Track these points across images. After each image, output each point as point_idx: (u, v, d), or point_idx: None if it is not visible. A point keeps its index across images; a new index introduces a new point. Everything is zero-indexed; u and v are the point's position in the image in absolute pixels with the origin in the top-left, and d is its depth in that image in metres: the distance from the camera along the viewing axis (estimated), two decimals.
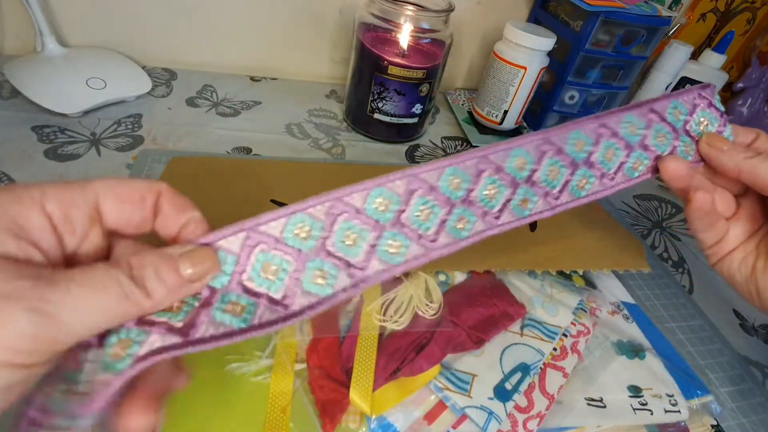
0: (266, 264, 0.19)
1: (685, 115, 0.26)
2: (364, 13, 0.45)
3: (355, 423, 0.25)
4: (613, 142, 0.24)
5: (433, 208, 0.21)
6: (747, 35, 0.69)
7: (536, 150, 0.23)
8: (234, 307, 0.18)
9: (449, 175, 0.22)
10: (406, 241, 0.21)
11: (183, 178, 0.37)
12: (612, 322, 0.33)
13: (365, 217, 0.20)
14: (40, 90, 0.42)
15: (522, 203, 0.23)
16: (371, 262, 0.20)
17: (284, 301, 0.19)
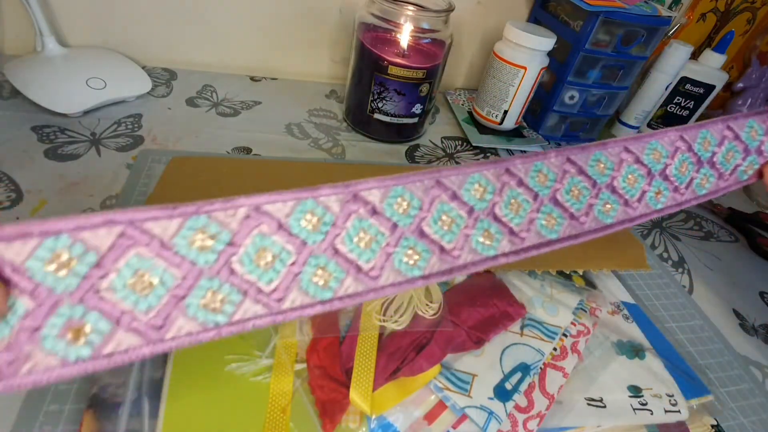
0: (262, 250, 0.17)
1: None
2: (364, 13, 0.45)
3: (355, 423, 0.25)
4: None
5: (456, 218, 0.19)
6: (747, 35, 0.69)
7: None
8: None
9: (474, 183, 0.20)
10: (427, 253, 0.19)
11: (183, 178, 0.37)
12: (612, 322, 0.33)
13: (383, 219, 0.18)
14: (40, 90, 0.42)
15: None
16: (384, 270, 0.18)
17: (275, 294, 0.17)
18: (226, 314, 0.16)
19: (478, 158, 0.52)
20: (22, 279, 0.14)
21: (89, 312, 0.14)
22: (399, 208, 0.18)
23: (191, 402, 0.24)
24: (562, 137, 0.58)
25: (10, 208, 0.33)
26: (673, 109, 0.64)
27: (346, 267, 0.18)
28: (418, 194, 0.19)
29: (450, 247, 0.19)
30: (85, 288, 0.14)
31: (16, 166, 0.37)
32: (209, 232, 0.16)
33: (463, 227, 0.19)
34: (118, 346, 0.15)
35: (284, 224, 0.17)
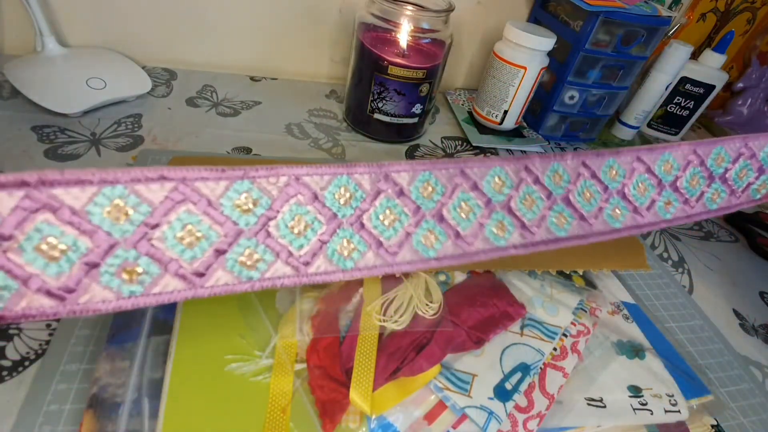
0: (297, 218, 0.18)
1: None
2: (364, 13, 0.45)
3: (355, 423, 0.25)
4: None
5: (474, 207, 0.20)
6: (747, 35, 0.69)
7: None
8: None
9: (494, 176, 0.21)
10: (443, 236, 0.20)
11: None
12: (612, 322, 0.33)
13: (408, 201, 0.19)
14: (40, 90, 0.42)
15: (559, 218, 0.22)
16: (402, 248, 0.19)
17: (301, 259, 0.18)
18: (260, 271, 0.17)
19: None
20: (83, 221, 0.15)
21: (142, 257, 0.16)
22: (424, 191, 0.20)
23: (191, 402, 0.24)
24: (562, 137, 0.58)
25: None
26: (673, 109, 0.64)
27: (369, 241, 0.19)
28: (443, 181, 0.20)
29: (465, 234, 0.20)
30: (139, 235, 0.16)
31: (16, 166, 0.37)
32: (252, 197, 0.18)
33: (479, 216, 0.20)
34: (165, 288, 0.16)
35: (319, 196, 0.18)
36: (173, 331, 0.27)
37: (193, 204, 0.17)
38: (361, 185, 0.19)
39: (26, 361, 0.26)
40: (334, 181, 0.19)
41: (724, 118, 0.74)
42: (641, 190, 0.23)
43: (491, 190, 0.21)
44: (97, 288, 0.15)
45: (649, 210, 0.23)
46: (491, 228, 0.21)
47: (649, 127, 0.67)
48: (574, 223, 0.22)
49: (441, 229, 0.20)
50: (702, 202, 0.25)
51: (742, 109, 0.73)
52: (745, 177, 0.25)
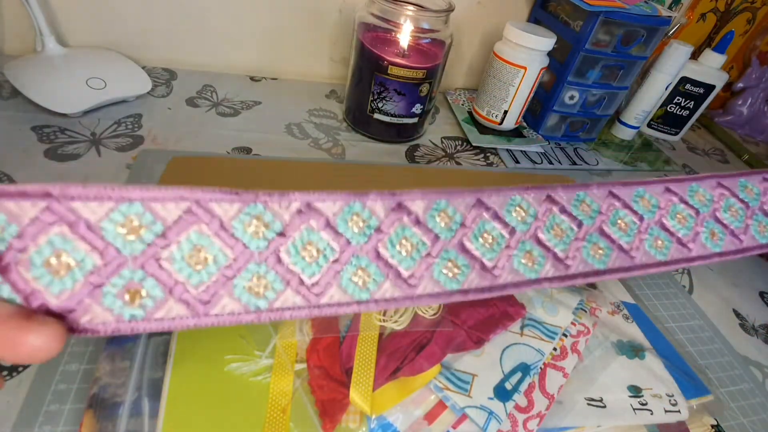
0: (309, 242, 0.17)
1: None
2: (364, 13, 0.45)
3: (355, 423, 0.25)
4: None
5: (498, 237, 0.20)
6: (747, 35, 0.70)
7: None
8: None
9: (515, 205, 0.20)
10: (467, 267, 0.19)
11: (183, 178, 0.37)
12: (612, 322, 0.33)
13: (425, 229, 0.19)
14: (40, 90, 0.42)
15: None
16: (423, 279, 0.18)
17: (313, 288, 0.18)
18: (267, 300, 0.17)
19: (478, 158, 0.52)
20: (95, 237, 0.15)
21: (148, 278, 0.15)
22: (441, 221, 0.19)
23: (191, 402, 0.24)
24: (562, 137, 0.58)
25: None
26: (673, 109, 0.64)
27: (385, 271, 0.18)
28: (461, 209, 0.19)
29: (491, 265, 0.19)
30: (148, 255, 0.15)
31: (16, 166, 0.37)
32: (264, 220, 0.17)
33: (505, 246, 0.20)
34: (167, 313, 0.16)
35: (332, 222, 0.18)
36: (173, 331, 0.27)
37: (205, 225, 0.16)
38: (374, 212, 0.18)
39: None
40: (346, 207, 0.18)
41: (724, 118, 0.74)
42: (680, 220, 0.23)
43: (514, 219, 0.20)
44: (98, 309, 0.15)
45: (694, 242, 0.23)
46: (520, 259, 0.20)
47: (649, 127, 0.67)
48: (612, 255, 0.21)
49: (464, 259, 0.19)
50: (750, 234, 0.24)
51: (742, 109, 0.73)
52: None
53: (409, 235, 0.18)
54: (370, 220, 0.18)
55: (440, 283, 0.19)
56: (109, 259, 0.15)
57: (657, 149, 0.63)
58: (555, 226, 0.21)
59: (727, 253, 0.23)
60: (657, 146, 0.64)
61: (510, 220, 0.20)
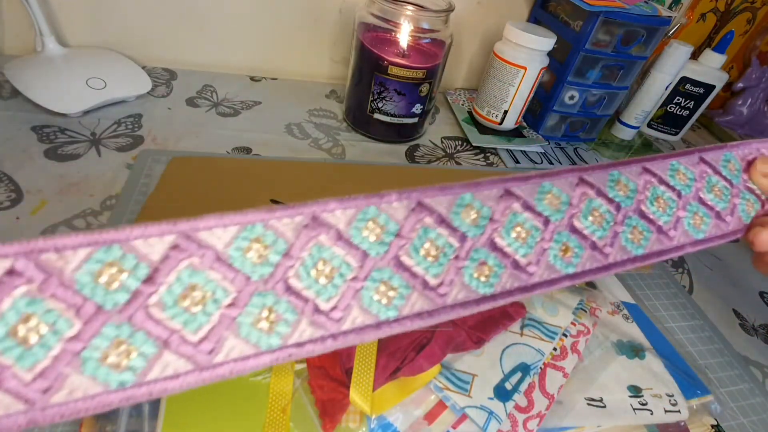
0: (321, 260, 0.15)
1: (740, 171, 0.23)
2: (364, 13, 0.45)
3: (355, 423, 0.25)
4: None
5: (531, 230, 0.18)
6: (747, 35, 0.70)
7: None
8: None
9: (546, 193, 0.18)
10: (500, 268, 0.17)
11: (183, 178, 0.37)
12: (612, 322, 0.33)
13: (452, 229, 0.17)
14: (40, 90, 0.42)
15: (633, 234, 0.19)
16: (453, 286, 0.16)
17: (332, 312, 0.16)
18: (280, 335, 0.15)
19: (478, 158, 0.52)
20: (68, 294, 0.13)
21: (136, 332, 0.13)
22: (467, 217, 0.17)
23: (191, 402, 0.24)
24: (562, 137, 0.58)
25: (10, 208, 0.33)
26: (673, 109, 0.64)
27: (412, 282, 0.16)
28: (490, 203, 0.17)
29: (525, 262, 0.17)
30: (135, 305, 0.13)
31: (16, 166, 0.37)
32: (265, 242, 0.15)
33: (540, 240, 0.18)
34: (164, 371, 0.13)
35: (345, 234, 0.15)
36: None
37: (198, 258, 0.14)
38: (392, 216, 0.16)
39: None
40: (359, 215, 0.15)
41: (724, 118, 0.74)
42: (717, 193, 0.22)
43: (547, 208, 0.18)
44: (78, 380, 0.13)
45: (732, 215, 0.22)
46: (555, 252, 0.18)
47: (649, 127, 0.67)
48: (652, 238, 0.19)
49: (495, 259, 0.17)
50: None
51: (742, 109, 0.73)
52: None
53: (434, 237, 0.16)
54: (389, 225, 0.16)
55: (471, 287, 0.17)
56: (87, 317, 0.13)
57: (657, 149, 0.63)
58: (593, 210, 0.19)
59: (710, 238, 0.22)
60: (657, 146, 0.64)
61: (542, 209, 0.18)
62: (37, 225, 0.32)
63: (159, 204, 0.34)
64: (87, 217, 0.34)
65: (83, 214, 0.34)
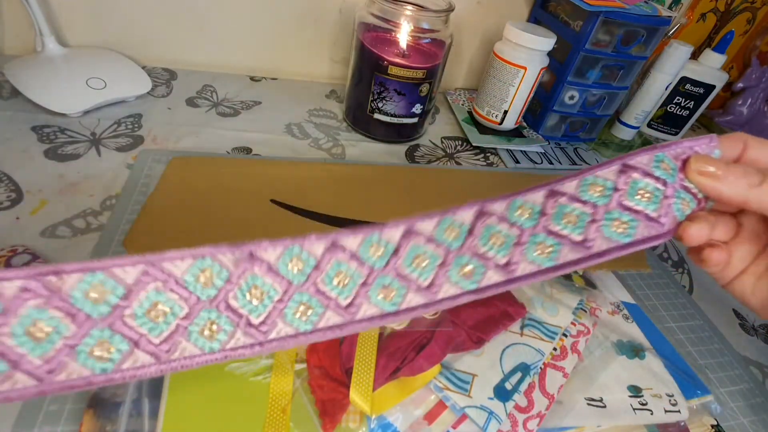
0: (254, 286, 0.20)
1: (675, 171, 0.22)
2: (364, 13, 0.45)
3: (355, 423, 0.25)
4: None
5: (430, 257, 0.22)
6: (747, 35, 0.69)
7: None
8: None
9: (446, 225, 0.22)
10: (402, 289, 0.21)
11: (183, 178, 0.37)
12: (612, 322, 0.33)
13: (359, 262, 0.21)
14: (40, 90, 0.42)
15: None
16: (362, 305, 0.20)
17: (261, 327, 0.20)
18: (220, 342, 0.19)
19: (478, 158, 0.52)
20: (66, 305, 0.17)
21: (115, 335, 0.18)
22: (374, 253, 0.21)
23: (191, 402, 0.24)
24: (562, 137, 0.58)
25: (10, 208, 0.33)
26: (673, 109, 0.64)
27: (326, 303, 0.20)
28: (393, 241, 0.21)
29: (426, 283, 0.22)
30: (114, 315, 0.18)
31: (16, 166, 0.37)
32: (213, 271, 0.19)
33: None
34: (134, 363, 0.18)
35: (273, 267, 0.20)
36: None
37: (162, 282, 0.18)
38: (312, 253, 0.21)
39: None
40: (286, 252, 0.20)
41: (724, 118, 0.74)
42: (646, 196, 0.22)
43: (447, 239, 0.22)
44: (74, 365, 0.17)
45: (667, 215, 0.22)
46: (455, 271, 0.22)
47: (649, 127, 0.67)
48: (563, 250, 0.22)
49: (399, 282, 0.21)
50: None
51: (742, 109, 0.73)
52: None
53: (345, 269, 0.21)
54: (309, 260, 0.20)
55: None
56: (80, 322, 0.17)
57: None
58: (492, 235, 0.22)
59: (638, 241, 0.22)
60: None
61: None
62: (37, 225, 0.32)
63: (159, 204, 0.34)
64: (87, 217, 0.34)
65: (83, 214, 0.34)
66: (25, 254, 0.28)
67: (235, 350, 0.19)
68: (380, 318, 0.21)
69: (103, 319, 0.18)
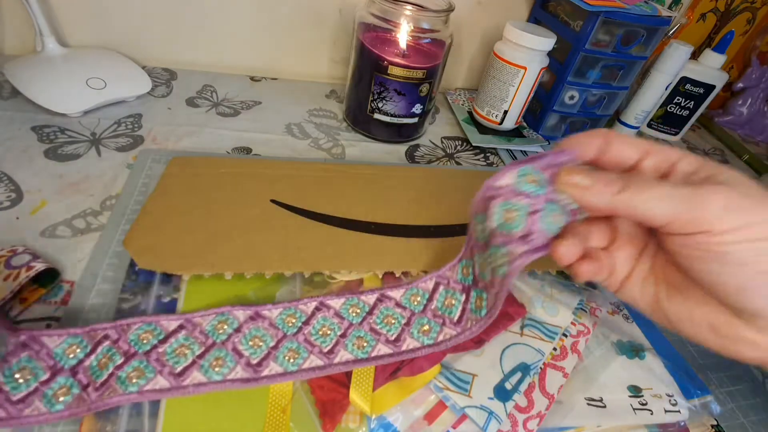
0: (255, 336, 0.27)
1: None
2: (364, 13, 0.45)
3: (355, 423, 0.25)
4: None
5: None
6: (747, 35, 0.69)
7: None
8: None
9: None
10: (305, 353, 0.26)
11: (183, 178, 0.37)
12: (612, 322, 0.33)
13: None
14: (40, 90, 0.42)
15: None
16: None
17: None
18: (221, 374, 0.25)
19: (478, 158, 0.52)
20: (50, 359, 0.24)
21: (148, 365, 0.25)
22: (353, 311, 0.29)
23: (191, 402, 0.24)
24: (563, 137, 0.58)
25: (10, 208, 0.33)
26: (673, 109, 0.64)
27: (309, 349, 0.26)
28: (370, 302, 0.30)
29: (395, 340, 0.28)
30: (151, 352, 0.25)
31: (16, 166, 0.37)
32: (226, 323, 0.28)
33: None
34: (154, 386, 0.24)
35: (273, 322, 0.28)
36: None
37: (188, 331, 0.27)
38: (304, 311, 0.29)
39: None
40: (284, 311, 0.28)
41: (724, 118, 0.74)
42: (511, 216, 0.23)
43: (411, 304, 0.30)
44: (39, 404, 0.22)
45: (533, 232, 0.23)
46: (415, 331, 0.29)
47: (649, 127, 0.67)
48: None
49: (370, 335, 0.28)
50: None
51: (742, 109, 0.73)
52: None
53: (329, 324, 0.28)
54: (301, 317, 0.28)
55: (352, 354, 0.27)
56: (55, 371, 0.24)
57: None
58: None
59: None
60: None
61: (407, 304, 0.30)
62: (37, 225, 0.32)
63: (159, 204, 0.34)
64: (87, 217, 0.34)
65: (83, 214, 0.34)
66: (25, 254, 0.28)
67: (234, 382, 0.24)
68: (353, 363, 0.26)
69: (145, 353, 0.25)
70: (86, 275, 0.29)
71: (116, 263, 0.30)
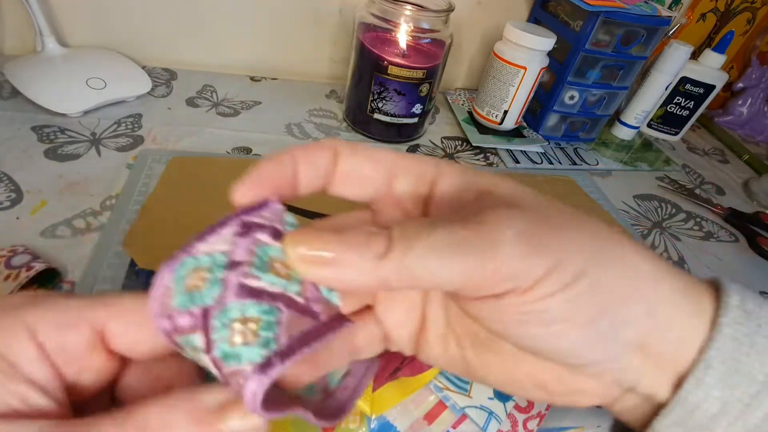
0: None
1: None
2: (364, 13, 0.45)
3: (355, 423, 0.25)
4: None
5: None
6: (747, 35, 0.70)
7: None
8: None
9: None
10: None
11: (183, 178, 0.37)
12: None
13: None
14: (40, 90, 0.42)
15: None
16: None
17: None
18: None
19: (478, 158, 0.52)
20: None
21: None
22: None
23: None
24: (562, 137, 0.58)
25: (10, 208, 0.33)
26: (673, 109, 0.64)
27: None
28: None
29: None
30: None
31: (16, 166, 0.37)
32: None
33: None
34: None
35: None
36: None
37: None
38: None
39: None
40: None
41: (724, 118, 0.74)
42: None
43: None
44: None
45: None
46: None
47: (649, 127, 0.67)
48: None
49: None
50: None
51: (742, 109, 0.73)
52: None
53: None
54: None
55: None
56: None
57: (657, 149, 0.63)
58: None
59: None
60: (657, 146, 0.64)
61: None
62: (37, 225, 0.32)
63: (159, 204, 0.34)
64: (87, 217, 0.34)
65: (83, 214, 0.34)
66: (25, 254, 0.28)
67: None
68: None
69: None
70: (86, 275, 0.29)
71: (116, 263, 0.30)
